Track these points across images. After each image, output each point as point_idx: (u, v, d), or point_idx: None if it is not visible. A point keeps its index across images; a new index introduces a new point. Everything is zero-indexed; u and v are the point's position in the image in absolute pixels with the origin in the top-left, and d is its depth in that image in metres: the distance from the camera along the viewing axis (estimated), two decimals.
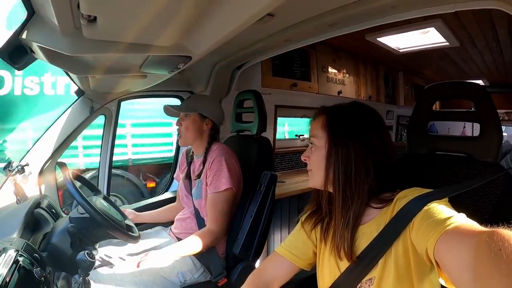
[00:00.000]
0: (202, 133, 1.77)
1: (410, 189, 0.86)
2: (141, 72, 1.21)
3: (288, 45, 1.85)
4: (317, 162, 0.96)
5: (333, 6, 1.34)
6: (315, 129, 0.98)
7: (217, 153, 1.67)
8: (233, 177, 1.64)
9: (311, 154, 0.98)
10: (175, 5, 0.72)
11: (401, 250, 0.79)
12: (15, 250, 1.14)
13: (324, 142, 0.94)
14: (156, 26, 0.80)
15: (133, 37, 0.85)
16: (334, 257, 0.96)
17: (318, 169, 0.95)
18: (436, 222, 0.68)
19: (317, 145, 0.96)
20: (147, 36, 0.86)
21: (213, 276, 1.67)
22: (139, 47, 0.90)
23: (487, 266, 0.49)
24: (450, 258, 0.61)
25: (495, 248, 0.49)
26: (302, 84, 3.22)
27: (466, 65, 4.03)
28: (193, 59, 1.05)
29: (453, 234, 0.63)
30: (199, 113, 1.74)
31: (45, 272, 1.18)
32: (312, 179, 0.99)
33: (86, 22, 0.70)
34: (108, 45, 0.85)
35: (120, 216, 1.65)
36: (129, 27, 0.78)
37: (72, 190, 1.44)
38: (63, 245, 1.49)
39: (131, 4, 0.67)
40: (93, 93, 1.94)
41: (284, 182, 3.20)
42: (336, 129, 0.94)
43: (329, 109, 1.00)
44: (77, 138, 2.07)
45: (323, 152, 0.94)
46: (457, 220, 0.66)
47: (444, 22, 2.54)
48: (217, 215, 1.62)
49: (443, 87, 1.18)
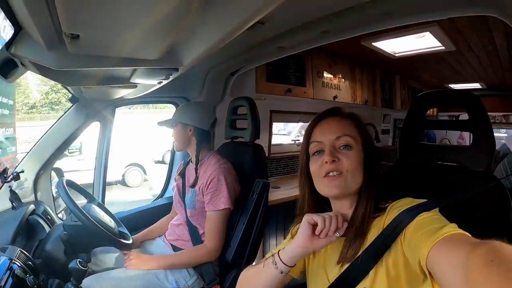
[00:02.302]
0: (189, 139, 1.81)
1: (402, 200, 0.86)
2: (131, 83, 1.22)
3: (281, 52, 1.86)
4: (353, 164, 0.88)
5: (325, 13, 1.34)
6: (348, 129, 0.92)
7: (217, 171, 1.68)
8: (231, 196, 1.68)
9: (343, 157, 0.89)
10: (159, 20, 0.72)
11: (391, 262, 0.79)
12: (8, 258, 1.15)
13: (360, 144, 0.91)
14: (140, 41, 0.81)
15: (118, 52, 0.86)
16: (323, 267, 0.96)
17: (356, 173, 0.88)
18: (428, 232, 0.68)
19: (353, 147, 0.90)
20: (132, 51, 0.87)
21: (206, 282, 1.69)
22: (126, 61, 0.91)
23: (479, 277, 0.49)
24: (442, 267, 0.61)
25: (487, 259, 0.50)
26: (297, 90, 3.21)
27: (463, 68, 4.02)
28: (180, 70, 1.06)
29: (445, 243, 0.63)
30: (180, 122, 1.78)
31: (38, 280, 1.19)
32: (344, 184, 0.88)
33: (69, 39, 0.71)
34: (93, 59, 0.86)
35: (114, 223, 1.66)
36: (113, 42, 0.79)
37: (64, 197, 1.45)
38: (57, 253, 1.51)
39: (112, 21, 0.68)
40: (88, 100, 1.95)
41: (279, 188, 3.20)
42: (367, 135, 0.93)
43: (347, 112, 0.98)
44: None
45: (361, 154, 0.90)
46: (449, 230, 0.66)
47: (440, 27, 2.54)
48: (215, 233, 1.68)
49: (435, 96, 1.18)
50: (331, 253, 0.95)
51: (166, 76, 1.10)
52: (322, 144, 0.92)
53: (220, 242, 1.69)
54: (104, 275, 1.58)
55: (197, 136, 1.79)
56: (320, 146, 0.92)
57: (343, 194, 0.89)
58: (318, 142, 0.93)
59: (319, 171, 0.90)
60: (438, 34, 2.69)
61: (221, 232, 1.69)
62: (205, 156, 1.80)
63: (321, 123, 0.95)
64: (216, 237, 1.68)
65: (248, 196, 1.73)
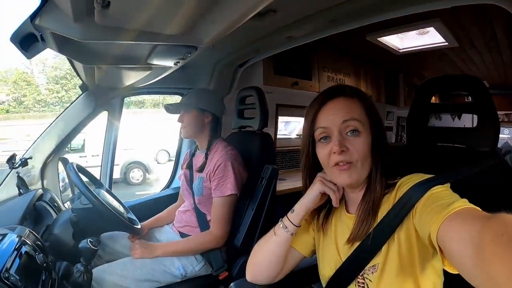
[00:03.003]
0: (204, 126, 1.79)
1: (412, 175, 0.85)
2: (147, 63, 1.23)
3: (289, 43, 1.87)
4: (362, 152, 0.84)
5: (334, 3, 1.36)
6: (355, 111, 0.86)
7: (224, 157, 1.68)
8: (238, 182, 1.67)
9: (350, 144, 0.84)
10: None
11: (404, 237, 0.79)
12: (17, 236, 1.16)
13: (368, 126, 0.86)
14: (165, 13, 0.82)
15: (142, 25, 0.87)
16: (334, 245, 0.97)
17: (366, 160, 0.85)
18: (439, 206, 0.68)
19: (361, 132, 0.85)
20: (156, 24, 0.88)
21: (214, 269, 1.69)
22: (148, 35, 0.92)
23: (489, 252, 0.49)
24: (453, 241, 0.60)
25: (498, 233, 0.49)
26: (303, 83, 3.25)
27: (465, 66, 4.06)
28: (199, 50, 1.07)
29: (456, 218, 0.62)
30: (198, 108, 1.76)
31: (47, 259, 1.19)
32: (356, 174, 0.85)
33: (100, 7, 0.72)
34: (118, 32, 0.87)
35: (123, 209, 1.66)
36: (140, 14, 0.80)
37: (76, 180, 1.46)
38: (66, 236, 1.51)
39: None
40: (97, 88, 1.96)
41: (285, 180, 3.23)
42: (374, 113, 0.89)
43: (354, 89, 0.92)
44: None
45: (369, 139, 0.86)
46: (461, 204, 0.65)
47: (443, 22, 2.57)
48: (221, 219, 1.67)
49: (440, 80, 1.20)
50: (342, 231, 0.96)
51: (184, 56, 1.10)
52: (328, 130, 0.87)
53: (226, 228, 1.69)
54: (111, 265, 1.58)
55: (212, 123, 1.80)
56: (326, 131, 0.87)
57: (356, 182, 0.87)
58: (324, 128, 0.88)
59: (328, 160, 0.87)
60: (441, 29, 2.73)
61: (228, 218, 1.69)
62: (213, 143, 1.80)
63: (326, 106, 0.89)
64: (222, 223, 1.67)
65: (257, 183, 1.73)
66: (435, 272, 0.79)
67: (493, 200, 0.91)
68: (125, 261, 1.60)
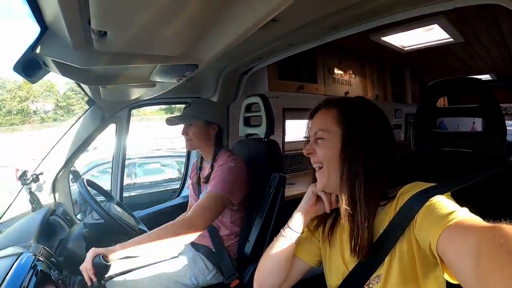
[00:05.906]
0: (209, 138, 1.78)
1: (412, 184, 0.85)
2: (150, 81, 1.24)
3: (292, 49, 1.88)
4: (328, 157, 0.90)
5: (334, 9, 1.36)
6: (323, 122, 0.93)
7: (226, 162, 1.67)
8: (232, 188, 1.60)
9: (318, 148, 0.93)
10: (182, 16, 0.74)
11: (405, 248, 0.79)
12: (33, 255, 1.18)
13: (338, 135, 0.90)
14: (164, 37, 0.83)
15: (142, 48, 0.88)
16: (340, 255, 0.97)
17: (330, 163, 0.90)
18: (438, 217, 0.68)
19: (326, 139, 0.91)
20: (156, 47, 0.89)
21: (225, 277, 1.70)
22: (148, 58, 0.93)
23: (489, 263, 0.50)
24: (452, 254, 0.61)
25: (497, 244, 0.50)
26: (308, 86, 3.24)
27: (472, 60, 4.00)
28: (200, 67, 1.08)
29: (455, 228, 0.63)
30: (204, 120, 1.75)
31: (62, 275, 1.22)
32: (324, 179, 0.93)
33: (97, 36, 0.73)
34: (118, 57, 0.88)
35: (134, 221, 1.69)
36: (138, 39, 0.81)
37: (86, 196, 1.48)
38: (79, 250, 1.53)
39: (140, 18, 0.70)
40: (104, 102, 1.99)
41: (294, 184, 3.22)
42: (352, 122, 0.90)
43: (339, 101, 0.96)
44: None
45: (336, 145, 0.89)
46: (460, 214, 0.65)
47: (447, 19, 2.54)
48: (199, 208, 1.53)
49: (446, 84, 1.19)
50: (347, 242, 0.95)
51: (186, 73, 1.11)
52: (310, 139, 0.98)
53: (205, 221, 1.52)
54: (125, 277, 1.58)
55: (218, 134, 1.80)
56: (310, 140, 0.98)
57: (326, 184, 0.93)
58: (309, 137, 0.99)
59: None
60: (446, 25, 2.70)
61: (208, 213, 1.53)
62: (218, 153, 1.79)
63: (312, 118, 0.99)
64: (199, 213, 1.51)
65: (265, 191, 1.73)
66: (436, 281, 0.79)
67: (499, 207, 0.90)
68: (138, 272, 1.61)
